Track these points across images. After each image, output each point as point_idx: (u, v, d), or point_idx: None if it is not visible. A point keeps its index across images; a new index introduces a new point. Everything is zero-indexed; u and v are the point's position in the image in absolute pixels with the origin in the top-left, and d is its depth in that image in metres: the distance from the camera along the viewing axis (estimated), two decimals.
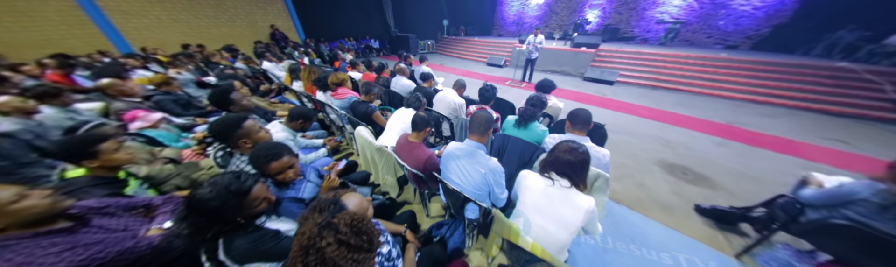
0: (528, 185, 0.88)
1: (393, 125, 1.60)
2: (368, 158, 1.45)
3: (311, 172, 1.02)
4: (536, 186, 0.85)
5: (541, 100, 1.50)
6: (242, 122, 0.96)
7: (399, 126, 1.56)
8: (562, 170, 0.80)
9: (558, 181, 0.81)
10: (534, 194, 0.85)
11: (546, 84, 1.96)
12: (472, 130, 1.06)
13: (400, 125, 1.55)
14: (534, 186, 0.86)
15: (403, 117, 1.57)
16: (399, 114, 1.62)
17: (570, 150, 0.80)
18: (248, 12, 6.11)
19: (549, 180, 0.83)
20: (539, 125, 1.40)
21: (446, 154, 1.11)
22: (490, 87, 1.71)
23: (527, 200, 0.86)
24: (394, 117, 1.63)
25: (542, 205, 0.83)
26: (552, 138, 1.29)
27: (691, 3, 6.77)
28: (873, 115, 3.54)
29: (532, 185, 0.86)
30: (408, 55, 3.54)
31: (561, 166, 0.80)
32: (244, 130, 0.96)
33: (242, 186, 0.62)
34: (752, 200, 1.77)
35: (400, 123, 1.56)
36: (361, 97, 1.81)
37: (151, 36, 5.12)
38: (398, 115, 1.62)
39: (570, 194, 0.79)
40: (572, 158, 0.78)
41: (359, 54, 8.50)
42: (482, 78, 5.63)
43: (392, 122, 1.61)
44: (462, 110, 1.88)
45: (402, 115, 1.60)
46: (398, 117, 1.60)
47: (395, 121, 1.61)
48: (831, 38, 5.25)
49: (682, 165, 2.24)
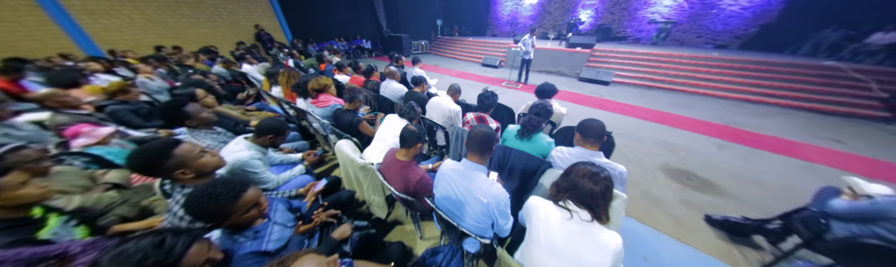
0: (540, 218, 0.73)
1: (381, 136, 1.43)
2: (352, 176, 1.27)
3: (278, 207, 0.82)
4: (551, 219, 0.71)
5: (546, 108, 1.33)
6: (171, 149, 0.74)
7: (388, 138, 1.40)
8: (581, 199, 0.69)
9: (577, 213, 0.68)
10: (548, 230, 0.70)
11: (547, 89, 1.80)
12: (470, 149, 0.88)
13: (389, 137, 1.39)
14: (548, 220, 0.71)
15: (393, 127, 1.40)
16: (389, 123, 1.45)
17: (590, 175, 0.69)
18: (229, 12, 5.75)
19: (566, 212, 0.69)
20: (544, 136, 1.26)
21: (440, 176, 0.95)
22: (490, 93, 1.54)
23: (539, 238, 0.71)
24: (383, 127, 1.46)
25: (559, 245, 0.68)
26: (560, 152, 1.14)
27: (681, 3, 6.81)
28: (861, 113, 3.59)
29: (545, 218, 0.72)
30: (399, 56, 3.33)
31: (581, 196, 0.68)
32: (177, 159, 0.74)
33: (165, 260, 0.44)
34: (759, 206, 1.71)
35: (389, 135, 1.39)
36: (345, 105, 1.61)
37: (122, 37, 4.74)
38: (388, 125, 1.45)
39: (592, 231, 0.66)
40: (595, 187, 0.67)
41: (350, 55, 8.22)
42: (477, 79, 5.49)
43: (381, 133, 1.45)
44: (458, 118, 1.71)
45: (392, 124, 1.43)
46: (388, 127, 1.44)
47: (384, 131, 1.44)
48: (817, 37, 5.34)
49: (686, 171, 2.16)
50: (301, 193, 1.16)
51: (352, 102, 1.57)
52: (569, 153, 1.10)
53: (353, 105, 1.58)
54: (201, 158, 0.79)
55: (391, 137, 1.37)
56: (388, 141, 1.39)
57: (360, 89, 1.65)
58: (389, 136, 1.38)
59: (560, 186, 0.72)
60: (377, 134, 1.45)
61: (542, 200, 0.77)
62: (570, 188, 0.70)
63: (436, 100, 1.77)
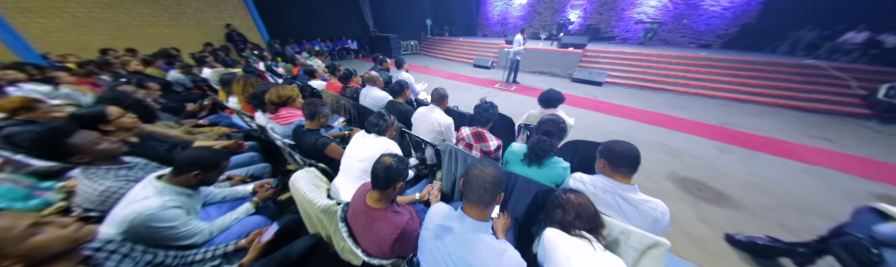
0: (564, 257, 0.55)
1: (345, 162, 1.10)
2: (314, 218, 0.97)
3: None
4: (573, 258, 0.56)
5: (559, 126, 1.05)
6: None
7: (352, 163, 1.07)
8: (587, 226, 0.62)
9: (594, 242, 0.59)
10: None
11: (553, 97, 1.48)
12: (470, 199, 0.60)
13: (354, 162, 1.07)
14: (570, 261, 0.55)
15: (360, 149, 1.09)
16: (355, 143, 1.12)
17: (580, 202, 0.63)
18: (195, 10, 5.13)
19: (586, 242, 0.58)
20: (558, 161, 0.99)
21: (425, 235, 0.66)
22: (489, 105, 1.24)
23: None
24: (350, 149, 1.12)
25: None
26: (581, 183, 0.88)
27: (666, 3, 6.83)
28: (844, 110, 3.64)
29: (567, 258, 0.55)
30: (384, 58, 2.97)
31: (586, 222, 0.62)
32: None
33: None
34: (774, 218, 1.60)
35: (353, 159, 1.07)
36: (306, 123, 1.22)
37: (65, 39, 4.09)
38: (354, 146, 1.11)
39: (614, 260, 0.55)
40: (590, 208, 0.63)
41: (334, 57, 7.71)
42: (470, 81, 5.23)
43: (345, 158, 1.11)
44: (450, 132, 1.41)
45: (358, 145, 1.11)
46: (354, 149, 1.11)
47: (348, 155, 1.11)
48: (794, 36, 5.45)
49: (694, 179, 2.01)
50: (242, 245, 0.85)
51: (314, 119, 1.20)
52: (593, 185, 0.84)
53: (315, 123, 1.21)
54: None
55: (357, 162, 1.06)
56: (353, 168, 1.07)
57: (320, 102, 1.22)
58: (354, 160, 1.07)
59: (566, 220, 0.63)
60: (343, 159, 1.12)
61: (559, 235, 0.62)
62: (577, 217, 0.63)
63: (423, 112, 1.44)
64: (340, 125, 1.81)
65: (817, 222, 1.53)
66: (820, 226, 1.37)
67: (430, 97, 1.49)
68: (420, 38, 9.52)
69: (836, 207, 1.67)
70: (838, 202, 1.73)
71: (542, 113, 1.52)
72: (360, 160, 1.06)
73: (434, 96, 1.46)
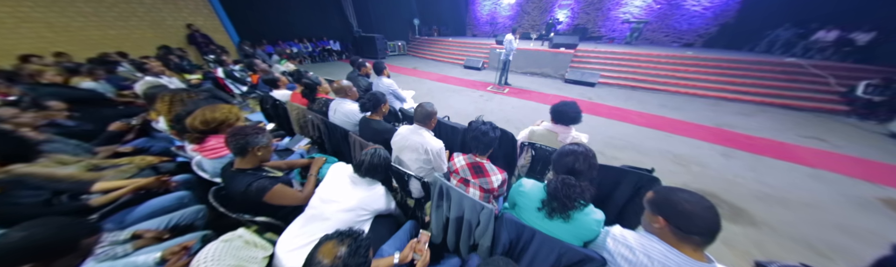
0: None
1: (319, 209, 0.77)
2: None
3: None
4: None
5: (589, 162, 0.71)
6: None
7: (336, 214, 0.74)
8: None
9: None
10: None
11: (570, 112, 1.13)
12: None
13: (337, 213, 0.74)
14: None
15: (345, 194, 0.76)
16: (336, 185, 0.78)
17: None
18: (148, 8, 4.43)
19: None
20: (591, 212, 0.68)
21: None
22: (488, 128, 0.88)
23: None
24: (325, 190, 0.79)
25: None
26: (626, 248, 0.58)
27: (650, 3, 6.82)
28: (826, 107, 3.69)
29: None
30: (362, 62, 2.50)
31: None
32: None
33: None
34: (797, 235, 1.48)
35: (337, 210, 0.74)
36: (238, 161, 0.82)
37: None
38: (334, 189, 0.78)
39: None
40: None
41: (314, 58, 7.15)
42: (461, 83, 4.93)
43: (319, 204, 0.77)
44: (441, 158, 1.09)
45: (342, 189, 0.77)
46: (333, 193, 0.77)
47: (325, 201, 0.77)
48: (771, 35, 5.55)
49: (708, 192, 1.88)
50: None
51: (246, 155, 0.79)
52: (646, 254, 0.56)
53: (249, 159, 0.81)
54: None
55: (338, 213, 0.72)
56: (328, 221, 0.74)
57: (253, 129, 0.81)
58: (333, 210, 0.73)
59: None
60: (311, 204, 0.78)
61: None
62: None
63: (405, 133, 1.11)
64: (303, 149, 1.43)
65: (841, 240, 1.46)
66: (845, 245, 1.35)
67: (414, 115, 1.12)
68: (408, 39, 9.08)
69: (852, 217, 1.64)
70: (851, 211, 1.70)
71: (550, 132, 1.22)
72: (343, 210, 0.72)
73: (419, 114, 1.10)
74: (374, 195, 0.81)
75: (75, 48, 3.75)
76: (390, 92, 2.08)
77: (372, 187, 0.81)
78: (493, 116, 3.13)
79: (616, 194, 1.09)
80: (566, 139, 1.17)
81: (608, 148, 2.46)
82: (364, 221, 0.81)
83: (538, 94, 4.21)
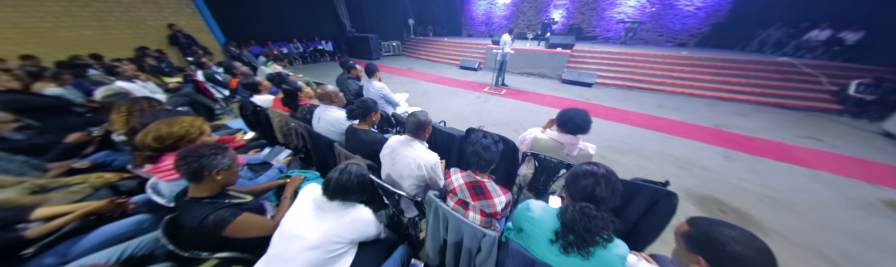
0: None
1: (284, 246, 0.62)
2: None
3: None
4: None
5: (612, 187, 0.57)
6: None
7: (302, 253, 0.60)
8: None
9: None
10: None
11: (581, 120, 1.01)
12: None
13: (303, 252, 0.60)
14: None
15: (315, 228, 0.63)
16: (305, 217, 0.64)
17: None
18: (125, 7, 4.13)
19: None
20: (615, 247, 0.55)
21: None
22: (490, 141, 0.76)
23: None
24: (290, 223, 0.65)
25: None
26: None
27: (644, 3, 6.81)
28: (819, 106, 3.71)
29: None
30: (353, 64, 2.33)
31: None
32: None
33: None
34: (808, 245, 1.41)
35: (302, 247, 0.60)
36: (193, 188, 0.67)
37: None
38: (302, 222, 0.64)
39: None
40: None
41: (306, 59, 6.92)
42: (458, 84, 4.81)
43: (284, 239, 0.63)
44: (436, 173, 0.96)
45: (312, 221, 0.63)
46: (301, 227, 0.63)
47: (291, 236, 0.63)
48: (762, 34, 5.58)
49: (713, 198, 1.81)
50: None
51: (204, 179, 0.65)
52: None
53: (207, 184, 0.66)
54: None
55: (303, 251, 0.59)
56: (293, 263, 0.59)
57: (214, 148, 0.65)
58: (299, 246, 0.59)
59: None
60: (275, 238, 0.64)
61: None
62: None
63: (395, 145, 0.97)
64: (282, 163, 1.27)
65: (852, 247, 1.42)
66: (857, 253, 1.31)
67: (406, 125, 0.98)
68: (403, 39, 8.88)
69: (858, 222, 1.59)
70: (856, 215, 1.66)
71: (556, 142, 1.10)
72: (308, 248, 0.58)
73: (410, 124, 0.96)
74: (349, 223, 0.66)
75: (47, 50, 3.49)
76: (382, 96, 1.95)
77: (344, 213, 0.67)
78: (491, 119, 3.03)
79: (629, 209, 1.00)
80: (573, 152, 1.06)
81: (610, 151, 2.38)
82: (341, 256, 0.66)
83: (536, 96, 4.13)
